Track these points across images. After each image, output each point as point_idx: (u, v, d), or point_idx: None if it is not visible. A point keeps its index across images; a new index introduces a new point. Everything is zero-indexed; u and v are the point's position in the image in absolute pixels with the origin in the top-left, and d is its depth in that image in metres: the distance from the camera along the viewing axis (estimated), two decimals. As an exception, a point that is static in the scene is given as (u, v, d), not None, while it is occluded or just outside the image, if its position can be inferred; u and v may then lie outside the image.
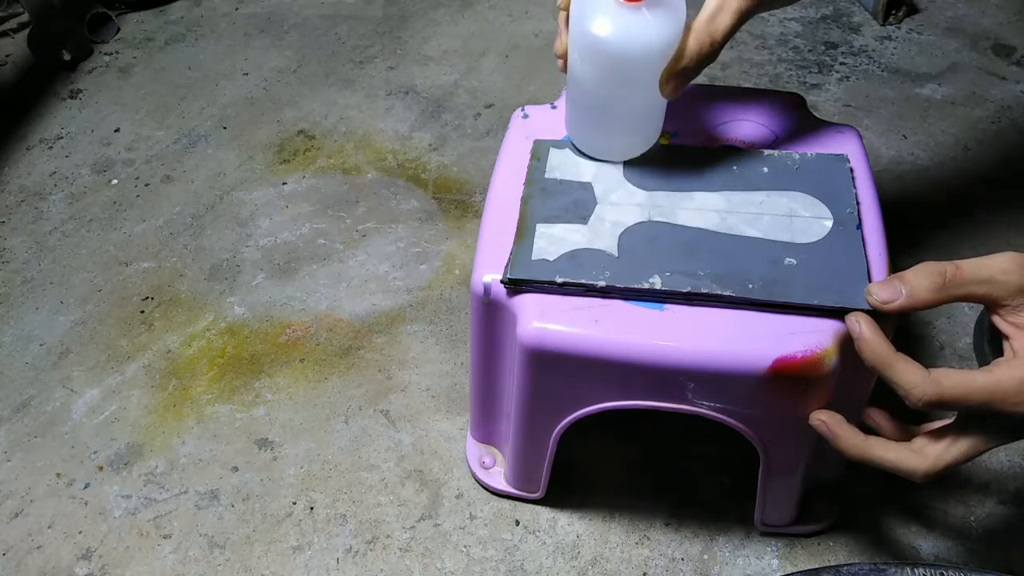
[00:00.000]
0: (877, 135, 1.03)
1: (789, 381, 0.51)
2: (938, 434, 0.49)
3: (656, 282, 0.53)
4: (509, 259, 0.55)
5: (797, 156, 0.60)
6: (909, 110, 1.07)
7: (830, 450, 0.63)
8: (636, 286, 0.53)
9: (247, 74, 1.17)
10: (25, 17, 1.25)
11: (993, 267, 0.45)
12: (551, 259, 0.55)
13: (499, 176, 0.63)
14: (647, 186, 0.59)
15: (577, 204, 0.58)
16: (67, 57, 1.17)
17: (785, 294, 0.52)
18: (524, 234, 0.57)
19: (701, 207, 0.58)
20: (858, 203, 0.57)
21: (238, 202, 0.98)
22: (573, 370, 0.55)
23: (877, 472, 0.51)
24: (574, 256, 0.55)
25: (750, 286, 0.52)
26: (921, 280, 0.46)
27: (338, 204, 0.97)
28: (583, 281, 0.53)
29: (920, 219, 0.93)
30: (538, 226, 0.57)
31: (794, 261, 0.54)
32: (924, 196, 0.95)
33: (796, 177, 0.59)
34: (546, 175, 0.61)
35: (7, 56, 1.22)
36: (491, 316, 0.58)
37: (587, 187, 0.59)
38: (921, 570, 0.50)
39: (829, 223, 0.56)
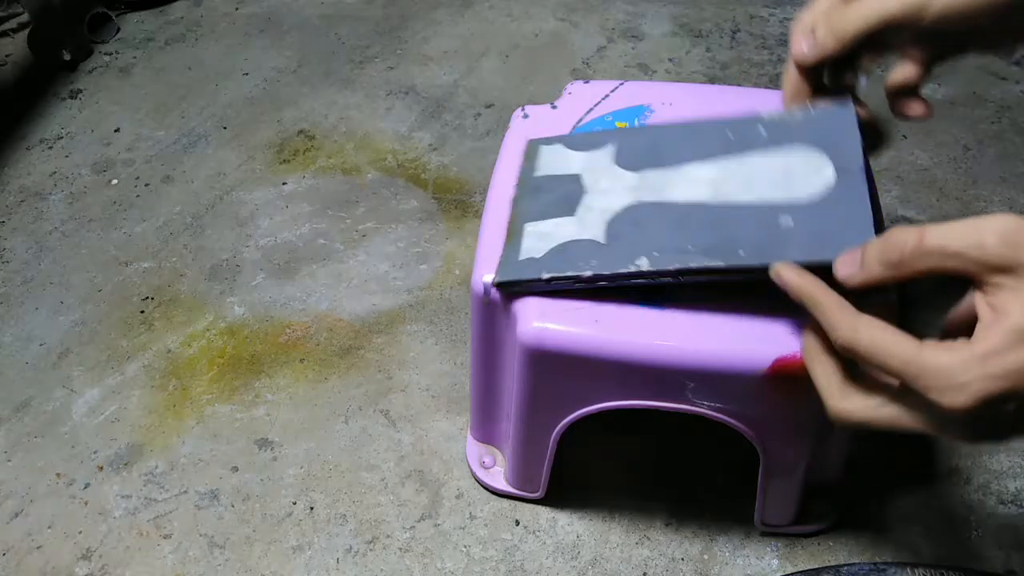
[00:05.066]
0: (877, 135, 1.03)
1: (789, 381, 0.51)
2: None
3: (643, 263, 0.51)
4: (499, 263, 0.55)
5: (799, 113, 0.54)
6: (909, 110, 1.07)
7: (830, 450, 0.63)
8: (623, 270, 0.51)
9: (247, 74, 1.17)
10: (25, 17, 1.25)
11: (963, 239, 0.38)
12: (538, 256, 0.54)
13: (499, 176, 0.63)
14: (638, 167, 0.56)
15: (566, 197, 0.56)
16: (67, 57, 1.17)
17: (779, 255, 0.47)
18: (513, 236, 0.56)
19: (692, 179, 0.54)
20: (865, 153, 0.52)
21: (238, 202, 0.98)
22: (573, 370, 0.55)
23: (877, 472, 0.49)
24: (562, 250, 0.53)
25: (741, 253, 0.49)
26: (875, 254, 0.41)
27: (338, 204, 0.97)
28: (569, 274, 0.52)
29: (920, 219, 0.93)
30: (526, 225, 0.56)
31: (790, 221, 0.49)
32: (924, 196, 0.95)
33: (796, 133, 0.53)
34: (535, 174, 0.59)
35: (7, 56, 1.22)
36: (491, 316, 0.58)
37: (575, 179, 0.58)
38: (921, 570, 0.50)
39: (831, 172, 0.50)
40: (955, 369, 0.36)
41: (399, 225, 0.94)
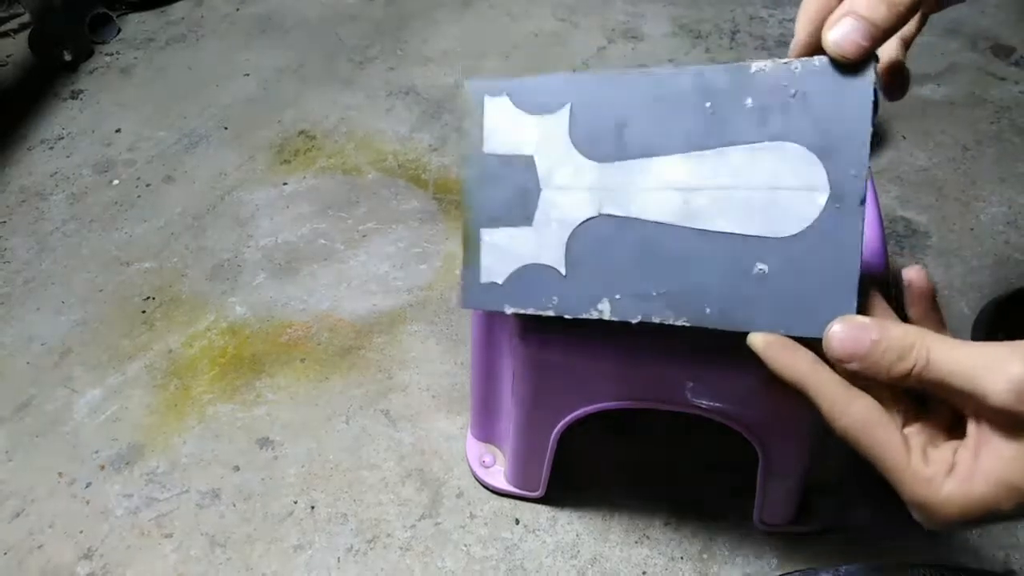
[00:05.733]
0: (877, 135, 1.03)
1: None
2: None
3: (605, 310, 0.49)
4: (461, 282, 0.52)
5: (798, 67, 0.44)
6: (908, 110, 1.07)
7: (830, 450, 0.63)
8: (584, 316, 0.50)
9: (248, 74, 1.17)
10: (26, 17, 1.25)
11: (977, 385, 0.35)
12: (500, 282, 0.51)
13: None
14: (598, 152, 0.49)
15: (520, 194, 0.51)
16: (68, 57, 1.18)
17: (747, 320, 0.45)
18: (470, 244, 0.52)
19: (661, 184, 0.47)
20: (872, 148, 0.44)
21: (239, 202, 0.98)
22: (573, 370, 0.55)
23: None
24: (522, 276, 0.51)
25: (707, 311, 0.47)
26: (882, 358, 0.39)
27: (339, 204, 0.97)
28: (531, 311, 0.51)
29: (919, 219, 0.93)
30: (482, 232, 0.52)
31: (765, 268, 0.45)
32: (924, 196, 0.95)
33: (792, 111, 0.45)
34: (484, 148, 0.52)
35: (8, 56, 1.23)
36: (491, 315, 0.58)
37: (529, 164, 0.51)
38: (921, 570, 0.50)
39: (823, 199, 0.44)
40: (932, 505, 0.39)
41: (399, 225, 0.94)
